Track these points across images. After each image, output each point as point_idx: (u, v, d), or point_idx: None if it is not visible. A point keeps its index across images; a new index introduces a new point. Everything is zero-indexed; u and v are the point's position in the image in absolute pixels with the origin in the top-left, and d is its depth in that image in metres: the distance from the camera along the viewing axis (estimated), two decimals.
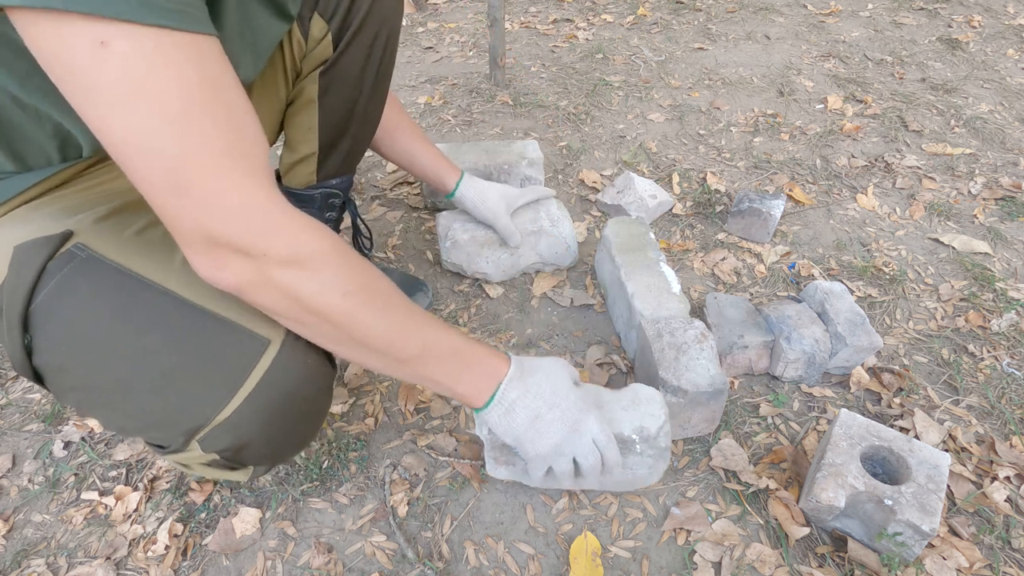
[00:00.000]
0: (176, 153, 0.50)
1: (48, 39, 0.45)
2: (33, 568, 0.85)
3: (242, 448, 0.69)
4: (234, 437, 0.67)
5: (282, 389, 0.67)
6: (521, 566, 0.85)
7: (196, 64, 0.49)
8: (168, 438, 0.68)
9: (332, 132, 0.99)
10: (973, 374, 1.09)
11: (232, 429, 0.66)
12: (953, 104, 1.87)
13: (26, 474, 0.96)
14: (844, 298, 1.08)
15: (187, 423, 0.66)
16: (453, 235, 1.24)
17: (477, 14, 2.62)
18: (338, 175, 1.06)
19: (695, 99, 1.94)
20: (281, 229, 0.56)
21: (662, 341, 0.98)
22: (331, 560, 0.85)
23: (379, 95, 1.01)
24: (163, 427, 0.67)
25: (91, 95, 0.47)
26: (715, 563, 0.84)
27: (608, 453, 0.77)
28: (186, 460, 0.73)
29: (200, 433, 0.67)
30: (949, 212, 1.46)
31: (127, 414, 0.68)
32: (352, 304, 0.61)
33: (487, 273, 1.26)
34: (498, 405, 0.74)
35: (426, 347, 0.68)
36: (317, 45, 0.90)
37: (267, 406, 0.67)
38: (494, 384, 0.74)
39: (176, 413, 0.66)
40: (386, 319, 0.65)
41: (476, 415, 0.79)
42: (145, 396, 0.65)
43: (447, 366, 0.71)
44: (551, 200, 1.30)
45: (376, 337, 0.64)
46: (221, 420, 0.65)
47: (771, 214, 1.33)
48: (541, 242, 1.25)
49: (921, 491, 0.79)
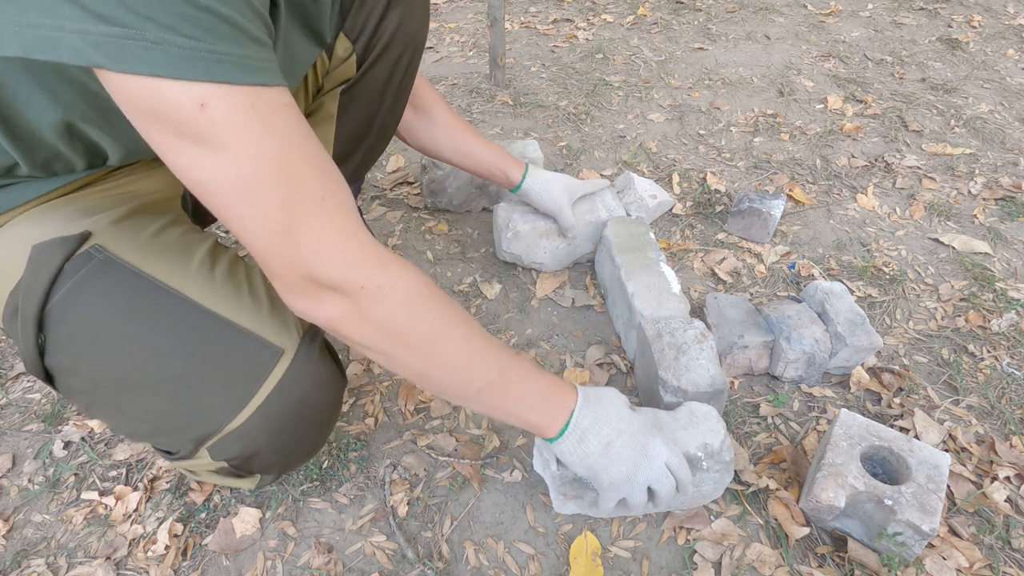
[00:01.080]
0: (280, 200, 0.51)
1: (145, 98, 0.46)
2: (33, 568, 0.85)
3: (251, 457, 0.70)
4: (244, 446, 0.68)
5: (294, 399, 0.67)
6: (521, 566, 0.85)
7: (284, 116, 0.51)
8: (177, 444, 0.68)
9: (347, 145, 1.00)
10: (973, 374, 1.09)
11: (243, 438, 0.67)
12: (953, 104, 1.87)
13: (26, 474, 0.96)
14: (844, 298, 1.08)
15: (197, 430, 0.66)
16: (514, 226, 1.25)
17: (477, 14, 2.62)
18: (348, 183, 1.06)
19: (695, 99, 1.94)
20: (375, 265, 0.58)
21: (662, 341, 0.97)
22: (331, 560, 0.85)
23: (397, 109, 1.01)
24: (172, 433, 0.67)
25: (189, 150, 0.49)
26: (715, 563, 0.84)
27: (681, 474, 0.76)
28: (193, 467, 0.73)
29: (210, 441, 0.67)
30: (949, 212, 1.46)
31: (136, 419, 0.68)
32: (438, 330, 0.62)
33: (543, 263, 1.29)
34: (571, 434, 0.73)
35: (503, 374, 0.68)
36: (341, 64, 0.90)
37: (279, 416, 0.67)
38: (567, 413, 0.73)
39: (186, 420, 0.66)
40: (467, 346, 0.65)
41: (539, 448, 0.82)
42: (156, 402, 0.65)
43: (522, 394, 0.70)
44: (607, 191, 1.33)
45: (458, 364, 0.65)
46: (232, 429, 0.66)
47: (771, 214, 1.33)
48: (599, 232, 1.28)
49: (921, 491, 0.79)
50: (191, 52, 0.44)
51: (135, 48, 0.43)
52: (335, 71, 0.91)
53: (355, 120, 0.97)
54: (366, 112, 0.97)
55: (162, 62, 0.44)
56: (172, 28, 0.43)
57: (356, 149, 1.01)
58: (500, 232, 1.28)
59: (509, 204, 1.30)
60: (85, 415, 0.73)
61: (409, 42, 0.93)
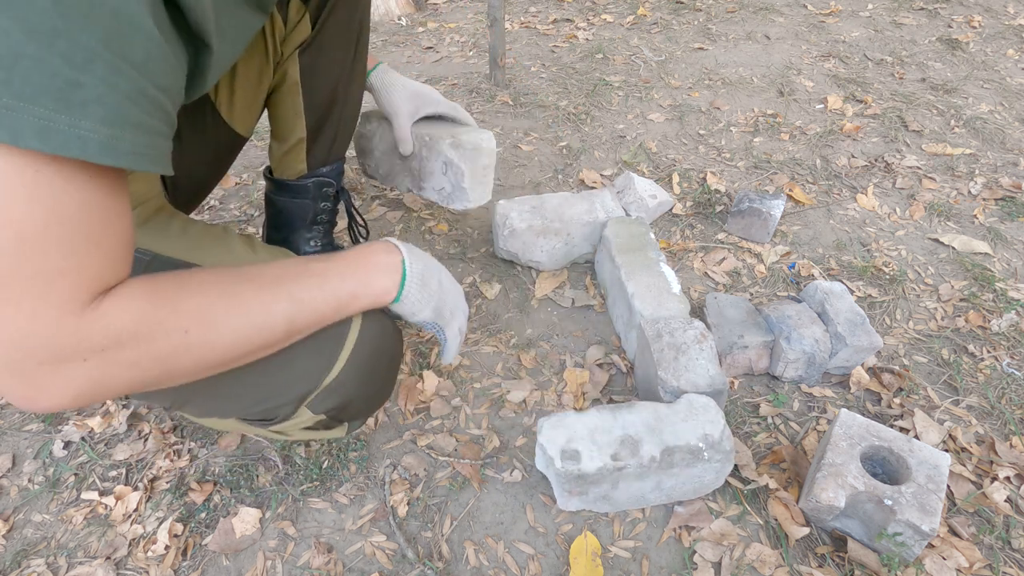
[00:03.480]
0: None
1: None
2: (33, 568, 0.85)
3: (346, 405, 0.78)
4: (340, 396, 0.76)
5: (372, 349, 0.76)
6: (521, 566, 0.85)
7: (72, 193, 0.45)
8: (278, 409, 0.75)
9: (317, 115, 1.01)
10: (973, 374, 1.09)
11: (338, 389, 0.75)
12: (953, 104, 1.87)
13: (26, 474, 0.96)
14: (844, 298, 1.08)
15: (299, 390, 0.74)
16: (511, 223, 1.24)
17: (477, 14, 2.62)
18: (327, 163, 1.07)
19: (695, 99, 1.94)
20: (84, 323, 0.49)
21: (662, 341, 0.98)
22: (331, 560, 0.85)
23: (358, 77, 1.03)
24: (274, 398, 0.74)
25: None
26: (715, 563, 0.84)
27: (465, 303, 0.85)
28: (288, 428, 0.79)
29: (309, 398, 0.75)
30: (949, 212, 1.46)
31: (236, 397, 0.74)
32: (197, 332, 0.56)
33: (540, 262, 1.29)
34: (412, 283, 0.72)
35: (296, 302, 0.63)
36: (296, 26, 0.92)
37: (363, 364, 0.75)
38: (396, 267, 0.71)
39: (287, 383, 0.73)
40: (238, 310, 0.59)
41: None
42: (255, 376, 0.70)
43: (333, 291, 0.66)
44: (606, 192, 1.31)
45: (244, 339, 0.60)
46: (328, 382, 0.74)
47: (771, 214, 1.33)
48: (596, 234, 1.27)
49: (921, 491, 0.79)
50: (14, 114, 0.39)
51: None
52: (291, 35, 0.93)
53: (319, 87, 0.99)
54: (328, 77, 0.99)
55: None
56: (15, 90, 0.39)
57: (327, 121, 1.03)
58: (497, 229, 1.28)
59: (509, 201, 1.30)
60: (172, 407, 0.76)
61: (357, 2, 0.96)
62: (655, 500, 0.89)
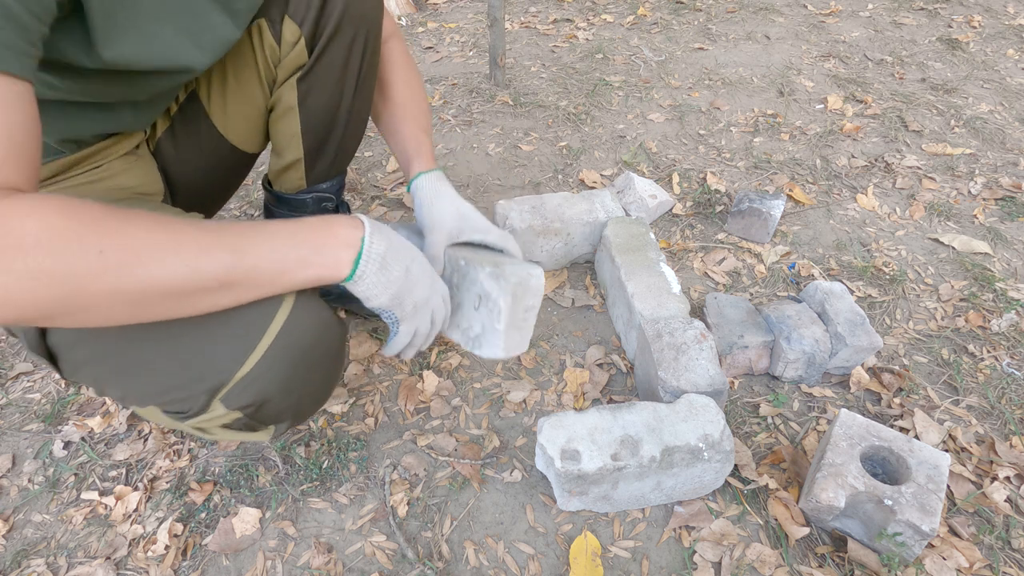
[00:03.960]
0: None
1: None
2: (33, 568, 0.85)
3: (264, 403, 0.70)
4: (256, 392, 0.68)
5: (299, 342, 0.68)
6: (521, 566, 0.85)
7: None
8: (190, 400, 0.69)
9: (316, 137, 0.97)
10: (973, 374, 1.09)
11: (254, 383, 0.67)
12: (953, 104, 1.87)
13: (26, 474, 0.96)
14: (844, 298, 1.08)
15: (209, 381, 0.67)
16: (511, 223, 1.24)
17: (477, 14, 2.62)
18: (328, 178, 1.04)
19: (695, 99, 1.94)
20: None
21: (662, 341, 0.98)
22: (331, 560, 0.85)
23: (364, 96, 0.97)
24: (185, 388, 0.68)
25: None
26: (715, 563, 0.84)
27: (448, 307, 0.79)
28: (205, 423, 0.73)
29: (222, 391, 0.68)
30: (949, 212, 1.46)
31: (146, 380, 0.68)
32: (115, 256, 0.51)
33: (540, 261, 1.29)
34: (370, 263, 0.66)
35: (236, 251, 0.58)
36: (291, 50, 0.87)
37: (286, 358, 0.68)
38: (356, 241, 0.65)
39: (198, 372, 0.67)
40: (167, 245, 0.54)
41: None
42: (164, 359, 0.66)
43: (280, 252, 0.60)
44: (606, 192, 1.31)
45: (170, 276, 0.54)
46: (243, 375, 0.67)
47: (771, 214, 1.33)
48: (596, 234, 1.27)
49: (921, 491, 0.79)
50: None
51: None
52: (286, 59, 0.88)
53: (318, 111, 0.94)
54: (328, 102, 0.94)
55: None
56: None
57: (327, 141, 0.99)
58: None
59: (508, 201, 1.30)
60: (94, 390, 0.73)
61: (361, 24, 0.89)
62: (655, 500, 0.89)
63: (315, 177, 1.03)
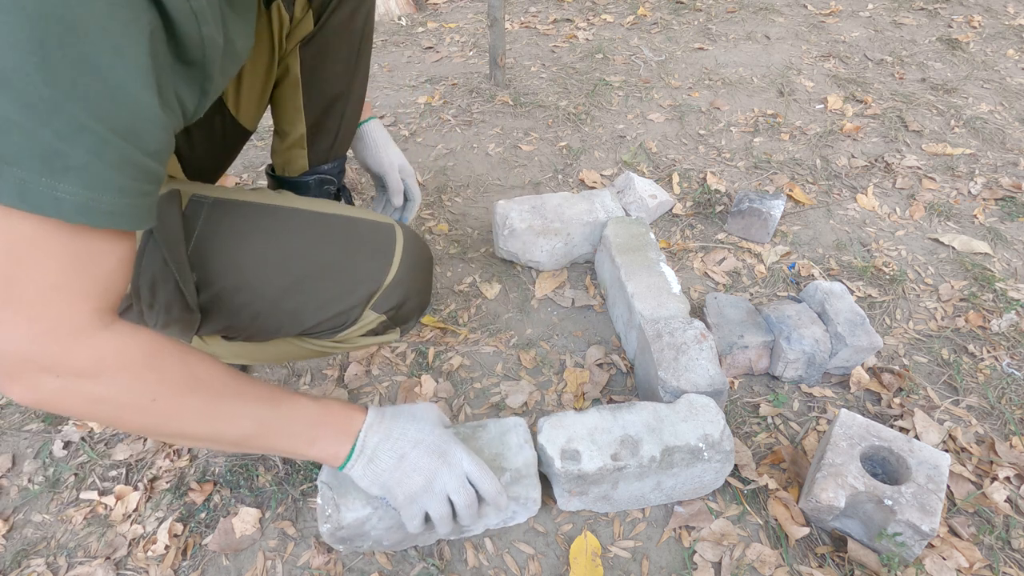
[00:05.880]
0: None
1: None
2: (33, 568, 0.85)
3: (404, 303, 0.84)
4: (400, 294, 0.82)
5: (417, 253, 0.85)
6: (521, 566, 0.85)
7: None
8: (348, 312, 0.80)
9: (318, 111, 1.02)
10: (973, 374, 1.09)
11: (398, 286, 0.82)
12: (953, 104, 1.87)
13: (26, 474, 0.96)
14: (844, 298, 1.08)
15: (366, 290, 0.80)
16: (511, 223, 1.25)
17: (477, 14, 2.62)
18: (329, 160, 1.08)
19: (695, 99, 1.94)
20: (76, 346, 0.54)
21: (662, 341, 0.98)
22: (331, 560, 0.85)
23: (361, 74, 1.03)
24: (346, 300, 0.80)
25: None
26: (715, 563, 0.84)
27: (485, 485, 0.73)
28: (351, 335, 0.84)
29: (375, 297, 0.81)
30: (949, 212, 1.46)
31: (311, 302, 0.79)
32: (163, 407, 0.60)
33: (540, 262, 1.29)
34: (360, 456, 0.71)
35: (262, 424, 0.66)
36: (300, 22, 0.94)
37: (413, 266, 0.84)
38: (352, 435, 0.71)
39: (353, 283, 0.80)
40: (208, 412, 0.63)
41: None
42: (323, 283, 0.78)
43: (292, 434, 0.68)
44: (606, 192, 1.33)
45: (198, 433, 0.64)
46: (390, 280, 0.81)
47: (771, 214, 1.33)
48: (596, 234, 1.27)
49: (921, 491, 0.79)
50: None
51: None
52: (295, 29, 0.94)
53: (320, 83, 1.00)
54: (329, 73, 0.99)
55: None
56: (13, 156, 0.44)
57: (328, 117, 1.03)
58: (497, 229, 1.28)
59: (508, 202, 1.30)
60: (247, 328, 0.81)
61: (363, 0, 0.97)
62: (655, 500, 0.89)
63: (316, 157, 1.07)
